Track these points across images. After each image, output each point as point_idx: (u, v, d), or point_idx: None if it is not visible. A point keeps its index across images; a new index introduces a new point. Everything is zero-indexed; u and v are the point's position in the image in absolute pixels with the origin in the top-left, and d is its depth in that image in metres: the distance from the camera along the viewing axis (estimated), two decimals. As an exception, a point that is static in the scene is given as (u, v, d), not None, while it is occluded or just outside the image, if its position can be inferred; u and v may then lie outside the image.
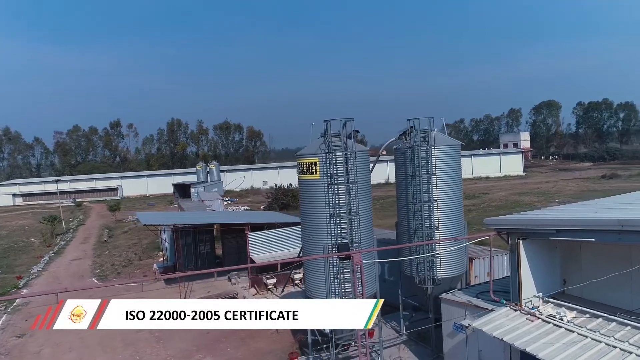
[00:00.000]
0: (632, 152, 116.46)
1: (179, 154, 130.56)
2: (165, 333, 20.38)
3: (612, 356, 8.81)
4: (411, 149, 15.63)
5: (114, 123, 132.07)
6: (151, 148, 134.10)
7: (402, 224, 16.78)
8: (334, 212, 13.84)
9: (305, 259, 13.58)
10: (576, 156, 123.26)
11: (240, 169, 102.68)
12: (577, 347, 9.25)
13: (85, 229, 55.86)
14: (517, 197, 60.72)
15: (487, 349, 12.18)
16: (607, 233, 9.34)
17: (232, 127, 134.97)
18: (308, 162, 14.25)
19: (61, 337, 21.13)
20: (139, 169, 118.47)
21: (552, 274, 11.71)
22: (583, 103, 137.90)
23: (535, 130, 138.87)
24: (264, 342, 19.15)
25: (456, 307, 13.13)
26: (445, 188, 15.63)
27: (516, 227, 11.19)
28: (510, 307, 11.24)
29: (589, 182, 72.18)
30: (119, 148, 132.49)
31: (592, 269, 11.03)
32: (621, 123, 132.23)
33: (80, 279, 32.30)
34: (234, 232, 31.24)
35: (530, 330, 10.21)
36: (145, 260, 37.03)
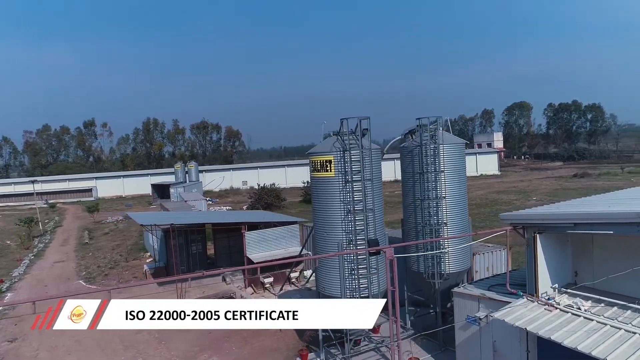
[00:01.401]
0: (599, 152, 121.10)
1: (155, 154, 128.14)
2: (165, 334, 20.13)
3: (633, 341, 9.31)
4: (419, 147, 15.97)
5: (88, 122, 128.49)
6: (126, 148, 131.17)
7: (408, 221, 17.11)
8: (350, 209, 14.03)
9: (326, 255, 13.72)
10: (547, 156, 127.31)
11: (220, 169, 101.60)
12: (598, 334, 9.73)
13: (63, 231, 54.32)
14: (495, 195, 62.35)
15: (501, 339, 12.61)
16: (626, 225, 9.86)
17: (209, 127, 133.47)
18: (322, 160, 14.39)
19: (56, 340, 20.60)
20: (113, 169, 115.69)
21: (564, 266, 12.23)
22: (553, 104, 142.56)
23: (508, 131, 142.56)
24: (268, 340, 19.17)
25: (470, 301, 13.50)
26: (452, 185, 16.05)
27: (533, 222, 11.64)
28: (527, 299, 11.68)
29: (562, 181, 74.69)
30: (93, 148, 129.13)
31: (604, 261, 11.59)
32: (589, 124, 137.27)
33: (66, 282, 31.46)
34: (226, 231, 31.06)
35: (551, 319, 10.65)
36: (131, 261, 36.34)
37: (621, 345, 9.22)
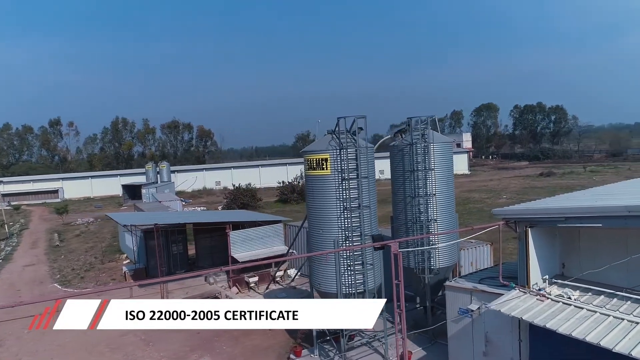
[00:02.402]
0: (562, 151, 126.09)
1: (124, 154, 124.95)
2: (153, 335, 19.83)
3: (622, 327, 9.94)
4: (410, 146, 16.40)
5: (54, 121, 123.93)
6: (94, 148, 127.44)
7: (398, 218, 17.53)
8: (346, 206, 14.30)
9: (329, 252, 13.93)
10: (513, 155, 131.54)
11: (192, 169, 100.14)
12: (589, 321, 10.33)
13: (30, 233, 52.41)
14: (467, 194, 63.96)
15: (493, 330, 13.13)
16: (614, 219, 10.52)
17: (181, 127, 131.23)
18: (318, 158, 14.60)
19: (37, 345, 20.03)
20: (80, 169, 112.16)
21: (552, 258, 12.87)
22: (519, 106, 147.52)
23: (476, 131, 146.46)
24: (259, 338, 19.19)
25: (462, 293, 13.98)
26: (441, 182, 16.57)
27: (526, 216, 12.21)
28: (519, 290, 12.23)
29: (529, 180, 77.36)
30: (58, 148, 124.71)
31: (590, 253, 12.28)
32: (552, 125, 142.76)
33: (40, 285, 30.45)
34: (208, 231, 30.79)
35: (544, 309, 11.21)
36: (107, 263, 35.50)
37: (612, 331, 9.83)
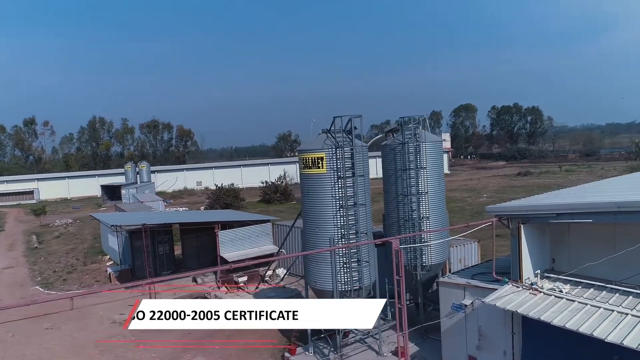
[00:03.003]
0: (538, 151, 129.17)
1: (102, 154, 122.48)
2: (142, 335, 19.51)
3: (612, 318, 10.37)
4: (402, 145, 16.68)
5: (29, 120, 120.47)
6: (70, 147, 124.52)
7: (390, 216, 17.79)
8: (342, 205, 14.47)
9: (329, 249, 14.05)
10: (491, 155, 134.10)
11: (173, 169, 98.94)
12: (581, 313, 10.74)
13: (7, 235, 51.06)
14: (449, 193, 64.24)
15: (486, 324, 13.48)
16: (604, 214, 10.96)
17: (160, 126, 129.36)
18: (314, 157, 14.73)
19: (24, 349, 19.63)
20: (55, 169, 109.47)
21: (543, 253, 13.29)
22: (496, 107, 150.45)
23: (455, 131, 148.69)
24: (252, 337, 19.17)
25: (455, 289, 14.30)
26: (433, 181, 16.90)
27: (518, 213, 12.59)
28: (512, 285, 12.60)
29: (507, 179, 79.04)
30: (33, 147, 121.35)
31: (579, 248, 12.74)
32: (529, 125, 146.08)
33: (21, 289, 29.74)
34: (194, 231, 30.59)
35: (537, 302, 11.60)
36: (90, 265, 34.87)
37: (603, 322, 10.25)
